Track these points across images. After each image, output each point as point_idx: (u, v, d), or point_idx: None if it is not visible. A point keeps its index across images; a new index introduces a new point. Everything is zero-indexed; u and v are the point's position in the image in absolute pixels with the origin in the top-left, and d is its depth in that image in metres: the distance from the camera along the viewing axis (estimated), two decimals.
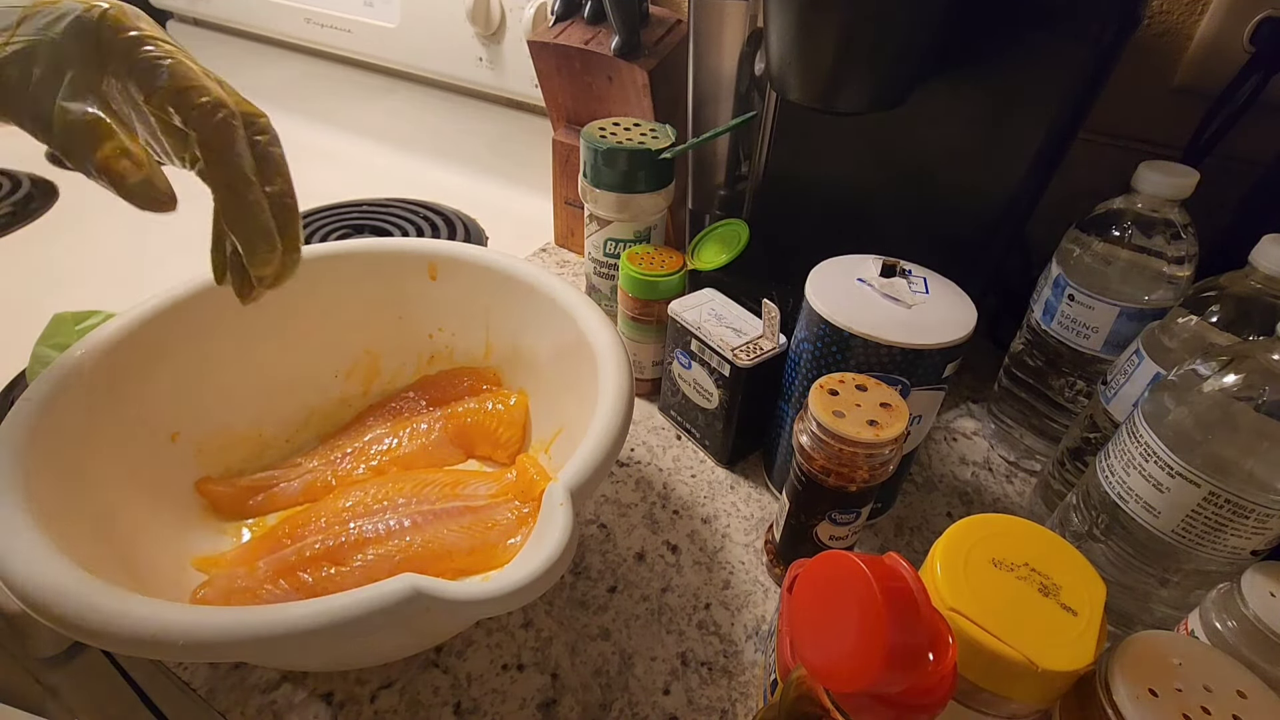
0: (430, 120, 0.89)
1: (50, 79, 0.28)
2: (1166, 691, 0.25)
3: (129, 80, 0.29)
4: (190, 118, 0.29)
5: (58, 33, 0.28)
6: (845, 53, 0.38)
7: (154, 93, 0.29)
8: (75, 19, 0.28)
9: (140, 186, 0.29)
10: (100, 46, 0.29)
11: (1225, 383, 0.31)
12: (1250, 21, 0.46)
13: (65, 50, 0.28)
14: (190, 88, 0.29)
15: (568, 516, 0.29)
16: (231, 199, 0.31)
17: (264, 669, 0.36)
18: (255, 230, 0.32)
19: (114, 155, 0.28)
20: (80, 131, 0.28)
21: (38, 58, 0.28)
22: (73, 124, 0.28)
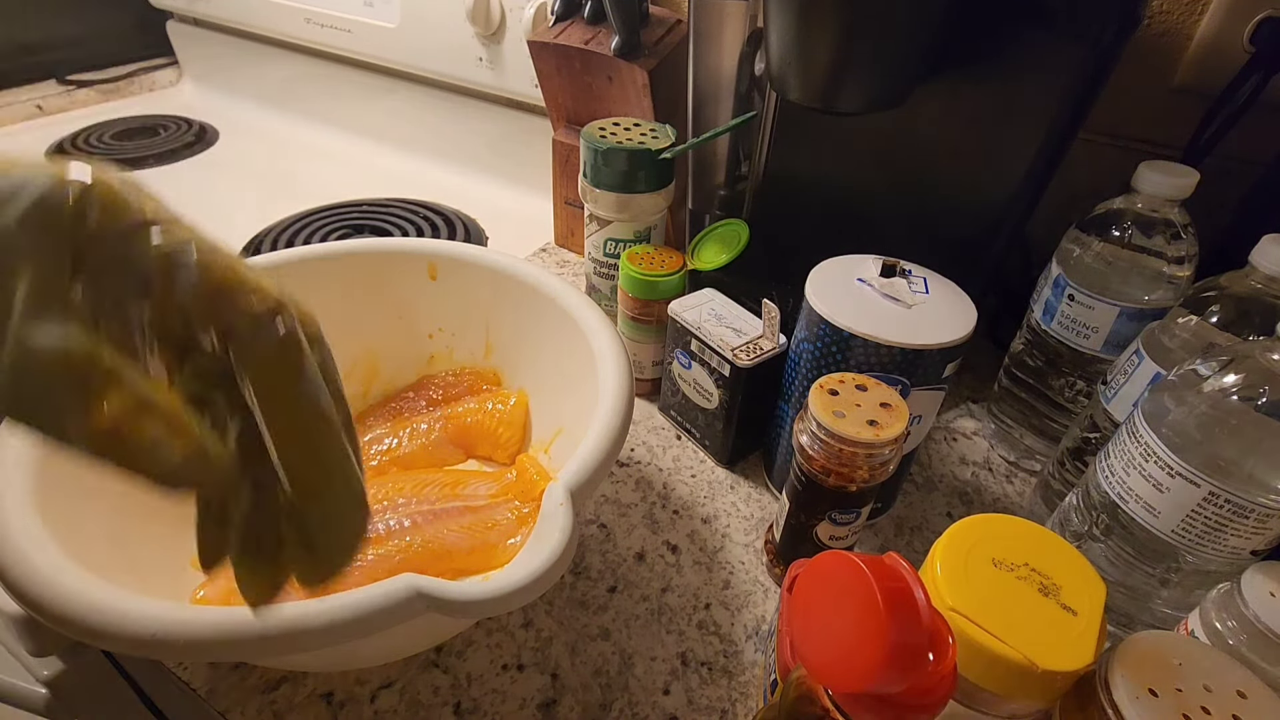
0: (430, 120, 0.89)
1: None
2: (1166, 691, 0.25)
3: (125, 283, 0.18)
4: (236, 331, 0.19)
5: (13, 215, 0.17)
6: (845, 53, 0.38)
7: (173, 293, 0.19)
8: (37, 202, 0.17)
9: (190, 464, 0.18)
10: (75, 231, 0.18)
11: (1225, 383, 0.31)
12: (1250, 21, 0.46)
13: (20, 245, 0.17)
14: (234, 285, 0.19)
15: (568, 516, 0.29)
16: (303, 451, 0.20)
17: (264, 669, 0.36)
18: (345, 495, 0.21)
19: (132, 413, 0.17)
20: (58, 379, 0.17)
21: None
22: (40, 367, 0.17)
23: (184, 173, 0.89)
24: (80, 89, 1.06)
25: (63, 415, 0.17)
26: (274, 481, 0.20)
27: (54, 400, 0.17)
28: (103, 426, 0.17)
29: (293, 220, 0.76)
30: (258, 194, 0.84)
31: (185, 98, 1.12)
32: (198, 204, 0.82)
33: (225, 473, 0.19)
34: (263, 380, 0.19)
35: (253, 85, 1.07)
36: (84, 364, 0.17)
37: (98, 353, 0.17)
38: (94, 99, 1.07)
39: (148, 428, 0.17)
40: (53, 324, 0.17)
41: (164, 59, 1.16)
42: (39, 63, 1.05)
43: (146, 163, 0.90)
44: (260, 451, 0.20)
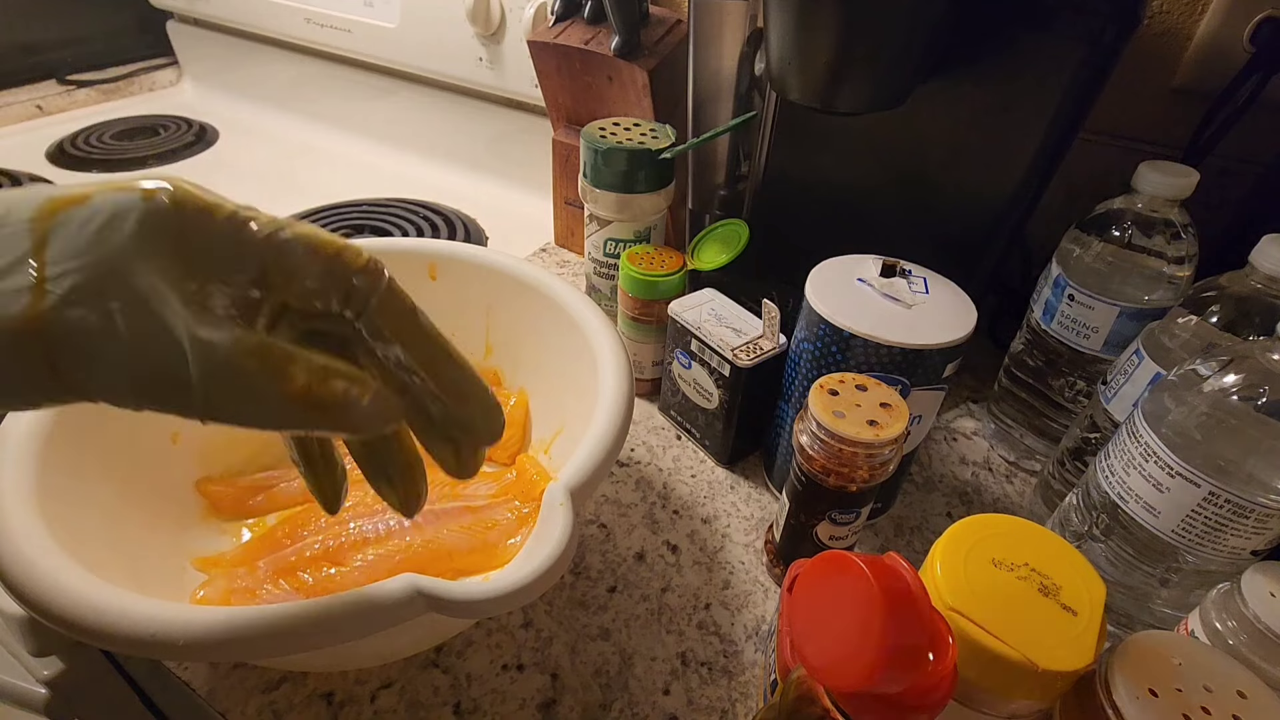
0: (430, 120, 0.89)
1: (145, 312, 0.18)
2: (1166, 691, 0.25)
3: (244, 272, 0.20)
4: (356, 289, 0.21)
5: (123, 239, 0.18)
6: (845, 53, 0.38)
7: (293, 275, 0.20)
8: (145, 214, 0.18)
9: (375, 406, 0.20)
10: (188, 242, 0.19)
11: (1225, 383, 0.31)
12: (1250, 21, 0.46)
13: (143, 258, 0.18)
14: (338, 250, 0.21)
15: (568, 516, 0.29)
16: (441, 367, 0.23)
17: (264, 669, 0.36)
18: (480, 389, 0.24)
19: (320, 378, 0.19)
20: (247, 368, 0.19)
21: (108, 287, 0.18)
22: (228, 361, 0.18)
23: (184, 173, 0.89)
24: (80, 89, 1.06)
25: (265, 397, 0.19)
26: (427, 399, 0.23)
27: (250, 385, 0.19)
28: (300, 395, 0.19)
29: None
30: (258, 194, 0.84)
31: (185, 98, 1.12)
32: None
33: (400, 409, 0.22)
34: (393, 319, 0.22)
35: (253, 85, 1.07)
36: (264, 348, 0.19)
37: (266, 341, 0.19)
38: (94, 99, 1.07)
39: (335, 384, 0.20)
40: (215, 321, 0.19)
41: (164, 59, 1.16)
42: (39, 63, 1.05)
43: (147, 163, 0.90)
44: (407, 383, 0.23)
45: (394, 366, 0.23)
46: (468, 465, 0.25)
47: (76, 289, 0.17)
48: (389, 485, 0.26)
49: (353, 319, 0.22)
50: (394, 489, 0.26)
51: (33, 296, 0.17)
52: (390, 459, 0.25)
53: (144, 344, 0.18)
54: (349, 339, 0.22)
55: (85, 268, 0.18)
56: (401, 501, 0.26)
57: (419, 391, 0.23)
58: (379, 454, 0.25)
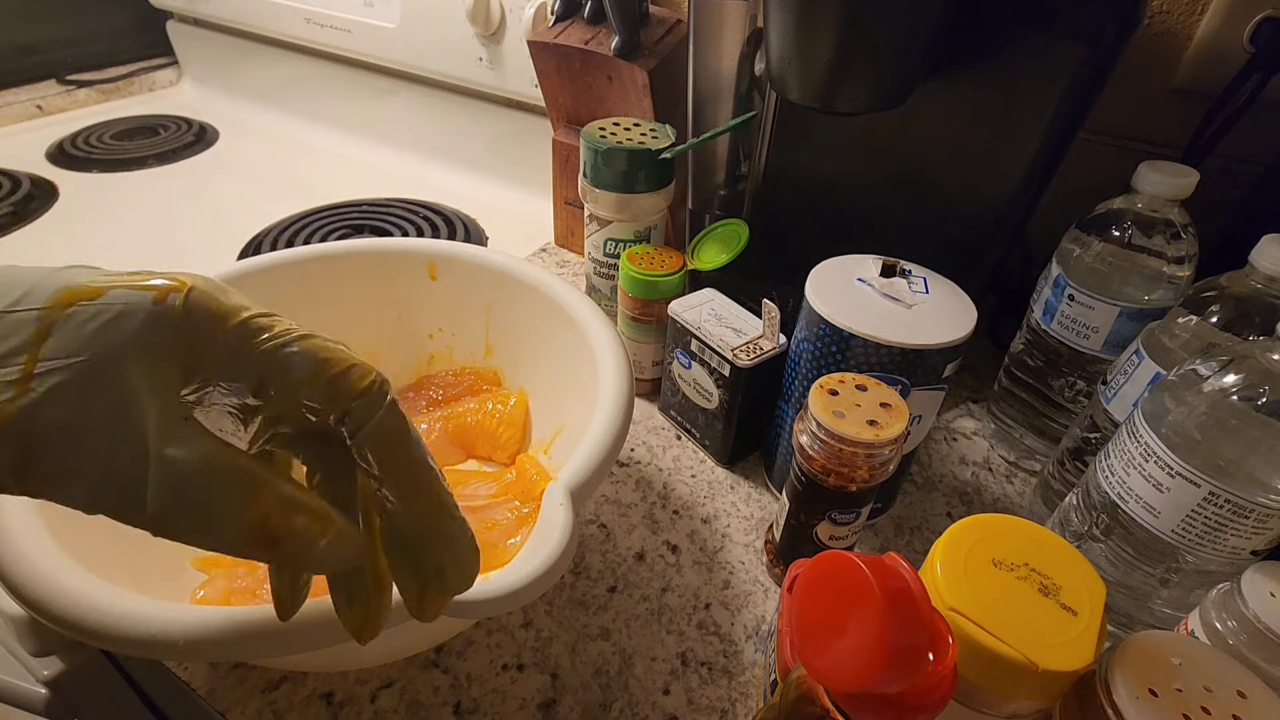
0: (430, 120, 0.89)
1: (121, 421, 0.18)
2: (1166, 691, 0.25)
3: (242, 382, 0.20)
4: (353, 412, 0.21)
5: (122, 340, 0.18)
6: (845, 53, 0.38)
7: (292, 390, 0.20)
8: (149, 316, 0.18)
9: (331, 549, 0.20)
10: (190, 348, 0.19)
11: (1225, 383, 0.31)
12: (1250, 21, 0.46)
13: (136, 365, 0.18)
14: (344, 370, 0.21)
15: (568, 516, 0.29)
16: (420, 506, 0.22)
17: (264, 669, 0.36)
18: (459, 535, 0.23)
19: (281, 512, 0.19)
20: (206, 491, 0.18)
21: (91, 390, 0.18)
22: (187, 483, 0.18)
23: (184, 173, 0.89)
24: (80, 89, 1.06)
25: (217, 524, 0.18)
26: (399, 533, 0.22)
27: (206, 509, 0.18)
28: (255, 528, 0.19)
29: (293, 220, 0.76)
30: (258, 194, 0.84)
31: (185, 98, 1.12)
32: (198, 204, 0.82)
33: (361, 548, 0.22)
34: (382, 446, 0.21)
35: (253, 85, 1.07)
36: (231, 473, 0.19)
37: (239, 460, 0.19)
38: (94, 99, 1.07)
39: (296, 521, 0.19)
40: (189, 437, 0.19)
41: (164, 59, 1.16)
42: (39, 63, 1.05)
43: (147, 163, 0.90)
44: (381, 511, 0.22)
45: (377, 491, 0.22)
46: (428, 608, 0.23)
47: (58, 389, 0.18)
48: (347, 606, 0.23)
49: (347, 438, 0.21)
50: (352, 610, 0.23)
51: (14, 393, 0.17)
52: (356, 579, 0.23)
53: (108, 454, 0.18)
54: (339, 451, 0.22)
55: (75, 367, 0.18)
56: (357, 626, 0.23)
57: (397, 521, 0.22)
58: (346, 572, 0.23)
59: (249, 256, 0.66)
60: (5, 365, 0.17)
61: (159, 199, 0.83)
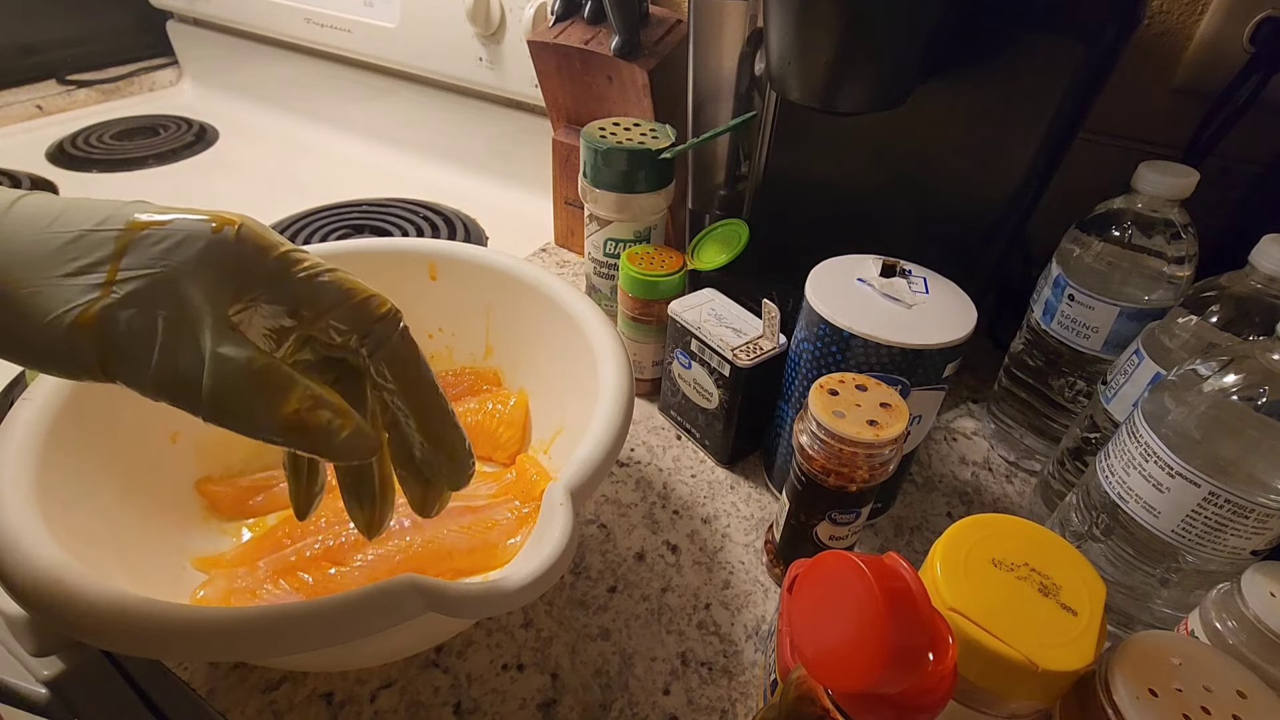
0: (430, 120, 0.89)
1: (183, 323, 0.21)
2: (1166, 691, 0.25)
3: (281, 304, 0.23)
4: (373, 333, 0.25)
5: (185, 260, 0.22)
6: (845, 53, 0.38)
7: (323, 313, 0.24)
8: (209, 242, 0.22)
9: (351, 440, 0.23)
10: (240, 272, 0.23)
11: (1225, 383, 0.31)
12: (1250, 21, 0.46)
13: (197, 279, 0.22)
14: (366, 298, 0.25)
15: (568, 516, 0.29)
16: (428, 416, 0.26)
17: (264, 669, 0.36)
18: (459, 443, 0.27)
19: (309, 408, 0.22)
20: (250, 385, 0.22)
21: (161, 297, 0.21)
22: (236, 376, 0.21)
23: (184, 173, 0.89)
24: (80, 89, 1.06)
25: (258, 412, 0.22)
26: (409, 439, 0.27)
27: (253, 400, 0.22)
28: (289, 417, 0.22)
29: (293, 220, 0.76)
30: (258, 194, 0.84)
31: (185, 98, 1.12)
32: (198, 204, 0.81)
33: (375, 443, 0.25)
34: (397, 365, 0.25)
35: (253, 85, 1.07)
36: (269, 371, 0.22)
37: (276, 362, 0.22)
38: (94, 99, 1.07)
39: (322, 415, 0.23)
40: (238, 341, 0.22)
41: (164, 59, 1.16)
42: (39, 63, 1.05)
43: (147, 163, 0.90)
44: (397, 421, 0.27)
45: (390, 403, 0.26)
46: (430, 504, 0.29)
47: (135, 294, 0.21)
48: (359, 505, 0.29)
49: (366, 357, 0.25)
50: (362, 509, 0.29)
51: (100, 293, 0.21)
52: (366, 482, 0.28)
53: (174, 348, 0.21)
54: (360, 370, 0.26)
55: (147, 278, 0.21)
56: (367, 522, 0.29)
57: (406, 430, 0.27)
58: (358, 475, 0.28)
59: None
60: (91, 273, 0.21)
61: (159, 199, 0.82)
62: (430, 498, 0.28)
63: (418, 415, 0.26)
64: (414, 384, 0.26)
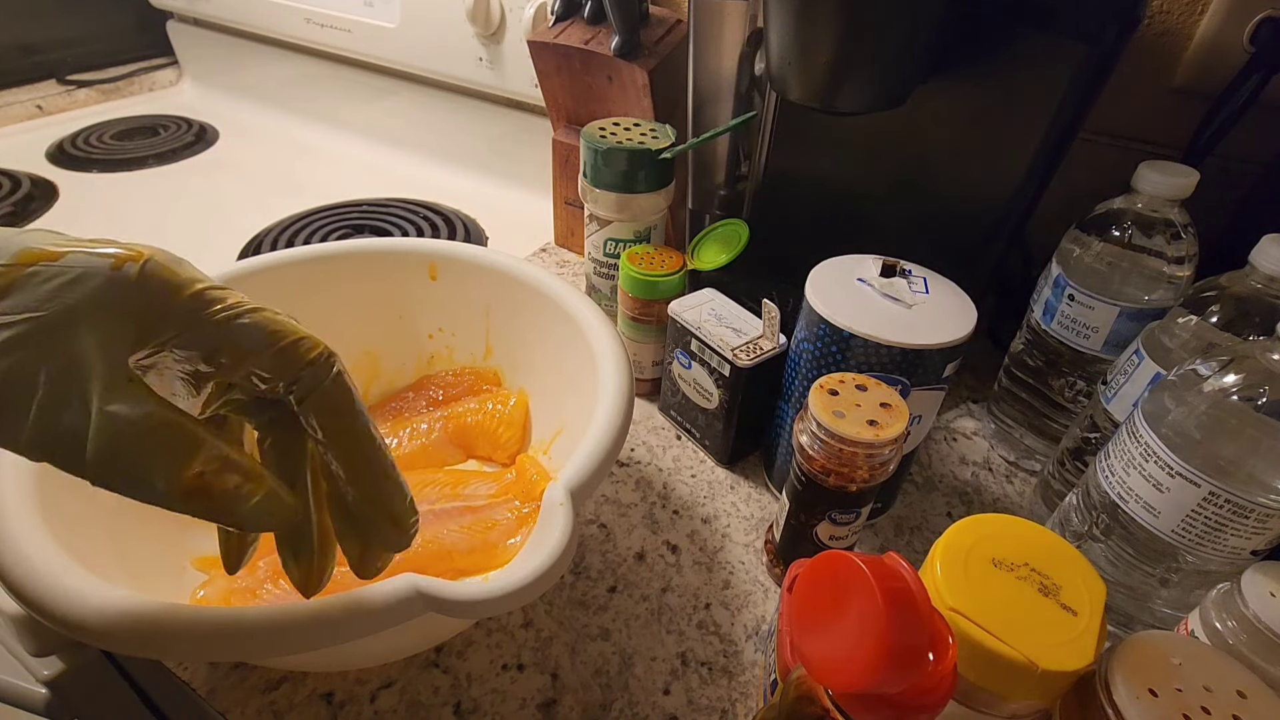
0: (430, 120, 0.89)
1: (69, 375, 0.19)
2: (1166, 691, 0.25)
3: (194, 349, 0.21)
4: (301, 380, 0.22)
5: (78, 302, 0.19)
6: (845, 52, 0.38)
7: (243, 359, 0.21)
8: (107, 281, 0.19)
9: (261, 507, 0.21)
10: (144, 314, 0.20)
11: (1225, 383, 0.31)
12: (1250, 22, 0.46)
13: (89, 325, 0.19)
14: (293, 341, 0.22)
15: (568, 516, 0.29)
16: (361, 471, 0.24)
17: (264, 669, 0.36)
18: (398, 498, 0.25)
19: (214, 470, 0.20)
20: (145, 446, 0.19)
21: (45, 345, 0.19)
22: (127, 436, 0.19)
23: (184, 173, 0.89)
24: (80, 89, 1.06)
25: (153, 476, 0.19)
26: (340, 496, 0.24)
27: (150, 461, 0.19)
28: (189, 482, 0.20)
29: (293, 220, 0.76)
30: (258, 194, 0.84)
31: (185, 98, 1.12)
32: (198, 204, 0.82)
33: (295, 510, 0.23)
34: (327, 414, 0.22)
35: (253, 85, 1.06)
36: (167, 429, 0.20)
37: (179, 419, 0.20)
38: (94, 99, 1.07)
39: (228, 479, 0.20)
40: (133, 396, 0.19)
41: (164, 59, 1.16)
42: (39, 63, 1.05)
43: (146, 163, 0.90)
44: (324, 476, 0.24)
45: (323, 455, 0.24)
46: (368, 567, 0.26)
47: (13, 341, 0.18)
48: (293, 559, 0.25)
49: (294, 404, 0.22)
50: (298, 564, 0.25)
51: None
52: (303, 536, 0.25)
53: (55, 405, 0.19)
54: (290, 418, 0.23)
55: (30, 322, 0.19)
56: (302, 579, 0.25)
57: (340, 484, 0.24)
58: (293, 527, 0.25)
59: (249, 256, 0.66)
60: None
61: (159, 199, 0.83)
62: (368, 557, 0.25)
63: (349, 469, 0.23)
64: (344, 434, 0.23)
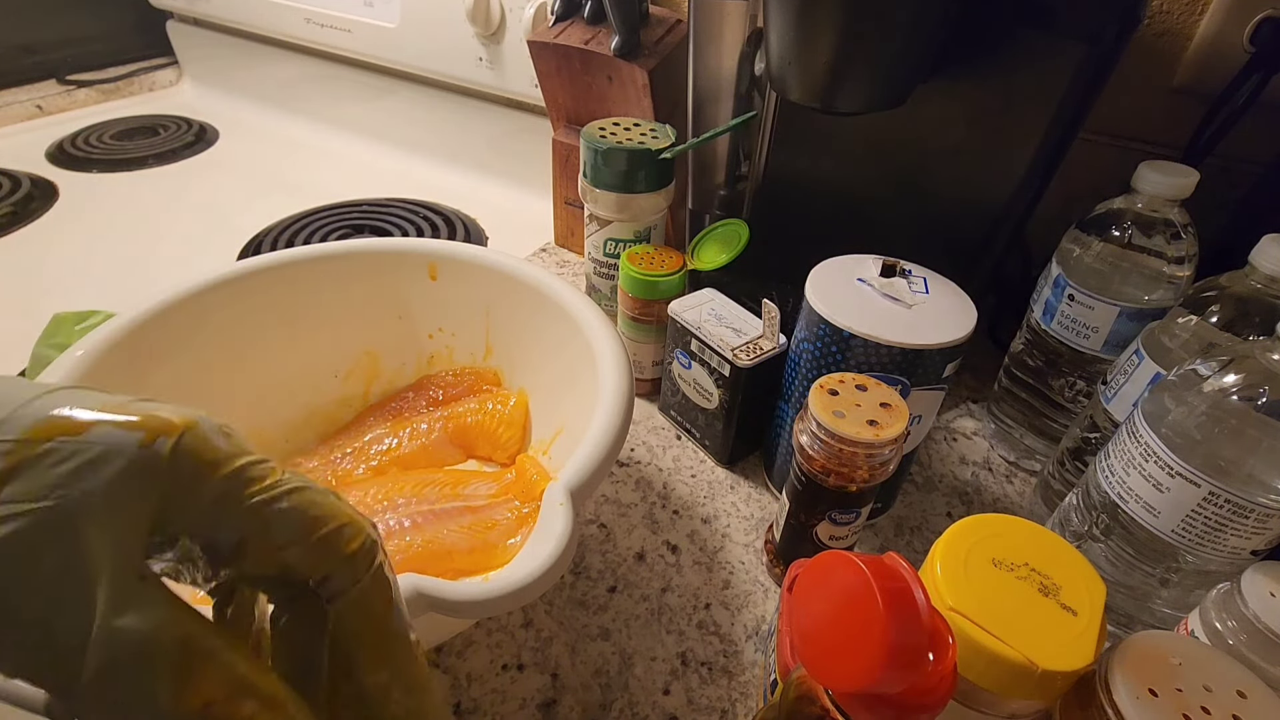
0: (430, 120, 0.89)
1: (70, 577, 0.16)
2: (1166, 691, 0.25)
3: (220, 535, 0.18)
4: (335, 576, 0.19)
5: (93, 490, 0.16)
6: (845, 53, 0.38)
7: (275, 550, 0.18)
8: (131, 462, 0.17)
9: None
10: (169, 500, 0.17)
11: (1225, 383, 0.31)
12: (1250, 22, 0.46)
13: (103, 517, 0.16)
14: (335, 530, 0.19)
15: (568, 516, 0.29)
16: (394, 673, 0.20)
17: None
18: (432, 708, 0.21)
19: (225, 695, 0.17)
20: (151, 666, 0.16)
21: (46, 543, 0.16)
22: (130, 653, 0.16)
23: (184, 173, 0.89)
24: (80, 89, 1.06)
25: (157, 699, 0.16)
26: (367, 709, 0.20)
27: (146, 685, 0.16)
28: (195, 708, 0.16)
29: (293, 220, 0.76)
30: (257, 194, 0.84)
31: (185, 98, 1.12)
32: (198, 204, 0.82)
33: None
34: (359, 618, 0.19)
35: (253, 85, 1.07)
36: (179, 647, 0.17)
37: (190, 633, 0.17)
38: (94, 99, 1.08)
39: (243, 709, 0.17)
40: (144, 600, 0.17)
41: (164, 59, 1.16)
42: (39, 63, 1.05)
43: (146, 163, 0.90)
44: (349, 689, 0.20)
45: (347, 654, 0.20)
46: None
47: (9, 538, 0.15)
48: None
49: (324, 601, 0.19)
50: None
51: None
52: None
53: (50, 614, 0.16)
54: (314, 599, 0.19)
55: (32, 515, 0.16)
56: None
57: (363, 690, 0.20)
58: None
59: (249, 256, 0.66)
60: None
61: (159, 199, 0.83)
62: None
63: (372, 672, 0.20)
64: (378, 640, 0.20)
